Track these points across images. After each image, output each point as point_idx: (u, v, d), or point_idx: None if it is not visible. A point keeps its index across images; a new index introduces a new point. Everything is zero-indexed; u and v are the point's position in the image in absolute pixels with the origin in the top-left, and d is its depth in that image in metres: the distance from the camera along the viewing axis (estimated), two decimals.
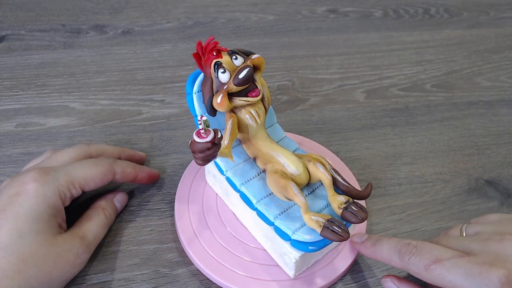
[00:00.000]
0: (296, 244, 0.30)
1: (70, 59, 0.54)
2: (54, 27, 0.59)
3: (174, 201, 0.38)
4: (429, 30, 0.65)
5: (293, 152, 0.34)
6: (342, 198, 0.30)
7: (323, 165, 0.32)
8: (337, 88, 0.54)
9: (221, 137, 0.28)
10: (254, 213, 0.33)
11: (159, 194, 0.40)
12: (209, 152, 0.27)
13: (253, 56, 0.31)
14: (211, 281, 0.34)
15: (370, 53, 0.60)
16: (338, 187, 0.32)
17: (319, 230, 0.29)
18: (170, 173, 0.42)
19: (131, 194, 0.40)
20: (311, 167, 0.32)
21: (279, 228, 0.30)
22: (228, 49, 0.31)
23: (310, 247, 0.30)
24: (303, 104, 0.51)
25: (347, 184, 0.31)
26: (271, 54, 0.58)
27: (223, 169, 0.34)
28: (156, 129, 0.46)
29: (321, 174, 0.31)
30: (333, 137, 0.47)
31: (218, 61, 0.29)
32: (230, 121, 0.31)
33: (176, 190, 0.39)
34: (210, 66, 0.30)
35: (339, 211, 0.30)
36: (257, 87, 0.31)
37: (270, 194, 0.32)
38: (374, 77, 0.56)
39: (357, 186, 0.41)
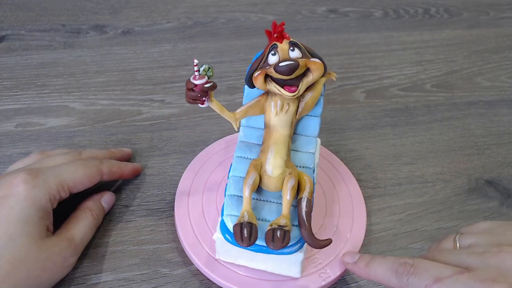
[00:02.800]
0: (222, 225, 0.30)
1: (70, 59, 0.54)
2: (54, 27, 0.59)
3: (174, 201, 0.38)
4: (429, 30, 0.65)
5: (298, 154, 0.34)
6: (282, 221, 0.29)
7: (296, 187, 0.30)
8: (337, 88, 0.54)
9: (210, 87, 0.29)
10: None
11: (159, 194, 0.40)
12: (193, 94, 0.29)
13: (312, 58, 0.30)
14: (211, 281, 0.34)
15: (370, 53, 0.60)
16: (298, 217, 0.30)
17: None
18: (170, 173, 0.42)
19: (131, 194, 0.40)
20: (285, 180, 0.30)
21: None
22: (291, 38, 0.30)
23: (227, 235, 0.30)
24: None
25: (303, 220, 0.29)
26: None
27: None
28: (156, 129, 0.46)
29: (284, 190, 0.30)
30: (333, 137, 0.47)
31: (275, 44, 0.30)
32: (256, 99, 0.33)
33: (176, 190, 0.39)
34: (268, 46, 0.31)
35: (268, 228, 0.29)
36: (297, 87, 0.31)
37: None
38: (374, 77, 0.56)
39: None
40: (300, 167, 0.33)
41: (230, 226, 0.30)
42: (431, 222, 0.40)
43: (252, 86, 0.32)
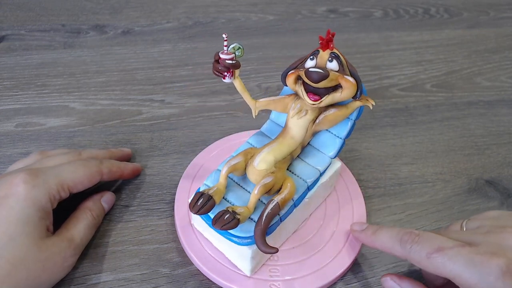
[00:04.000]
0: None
1: (70, 59, 0.54)
2: (54, 27, 0.59)
3: (174, 201, 0.38)
4: (429, 30, 0.65)
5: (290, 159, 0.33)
6: (239, 209, 0.29)
7: (270, 187, 0.30)
8: None
9: (231, 64, 0.29)
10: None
11: (159, 194, 0.40)
12: (216, 66, 0.30)
13: (346, 76, 0.30)
14: (211, 281, 0.34)
15: (370, 53, 0.60)
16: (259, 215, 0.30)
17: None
18: (170, 173, 0.42)
19: (131, 194, 0.40)
20: (264, 176, 0.30)
21: None
22: (334, 49, 0.30)
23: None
24: None
25: (260, 219, 0.29)
26: (271, 54, 0.58)
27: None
28: (156, 129, 0.46)
29: (256, 184, 0.30)
30: None
31: (317, 51, 0.30)
32: (282, 96, 0.33)
33: (176, 190, 0.39)
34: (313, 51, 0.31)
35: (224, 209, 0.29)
36: (320, 97, 0.30)
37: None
38: (374, 77, 0.56)
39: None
40: (297, 176, 0.33)
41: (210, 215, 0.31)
42: (431, 222, 0.40)
43: (285, 82, 0.32)
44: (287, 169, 0.33)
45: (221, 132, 0.46)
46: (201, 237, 0.36)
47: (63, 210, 0.34)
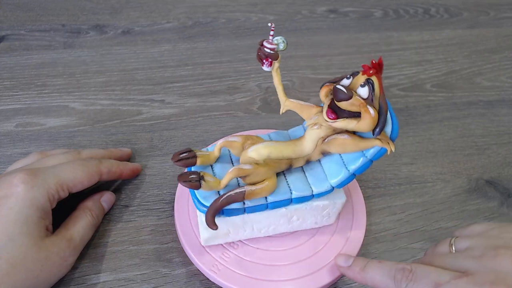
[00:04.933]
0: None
1: (70, 59, 0.54)
2: (54, 27, 0.59)
3: (174, 201, 0.38)
4: (429, 30, 0.65)
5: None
6: (210, 179, 0.30)
7: (243, 172, 0.30)
8: None
9: (269, 53, 0.30)
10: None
11: (159, 194, 0.40)
12: (259, 51, 0.31)
13: (369, 106, 0.28)
14: (211, 281, 0.34)
15: (370, 53, 0.60)
16: None
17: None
18: (170, 173, 0.42)
19: (131, 194, 0.40)
20: (246, 162, 0.31)
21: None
22: (371, 76, 0.28)
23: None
24: None
25: (220, 196, 0.30)
26: None
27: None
28: (156, 129, 0.46)
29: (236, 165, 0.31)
30: None
31: (358, 72, 0.29)
32: (310, 104, 0.32)
33: (176, 190, 0.39)
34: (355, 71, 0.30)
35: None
36: (338, 117, 0.29)
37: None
38: None
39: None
40: (287, 182, 0.32)
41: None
42: (431, 222, 0.40)
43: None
44: (283, 173, 0.33)
45: (221, 132, 0.46)
46: (201, 237, 0.36)
47: (62, 210, 0.34)
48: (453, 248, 0.30)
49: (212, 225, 0.30)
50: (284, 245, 0.36)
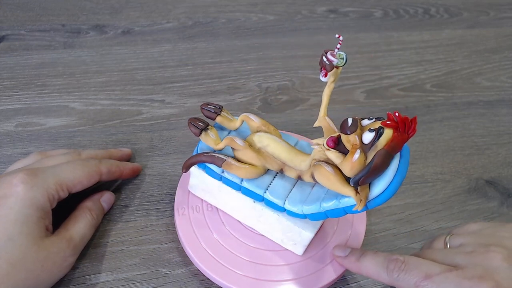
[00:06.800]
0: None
1: (70, 59, 0.54)
2: (54, 27, 0.59)
3: (174, 201, 0.38)
4: (429, 30, 0.65)
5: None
6: (211, 134, 0.33)
7: (232, 143, 0.32)
8: (337, 88, 0.54)
9: (326, 63, 0.30)
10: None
11: (159, 194, 0.40)
12: (323, 62, 0.30)
13: (356, 152, 0.26)
14: (211, 281, 0.34)
15: (370, 53, 0.60)
16: None
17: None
18: (170, 173, 0.42)
19: (131, 194, 0.40)
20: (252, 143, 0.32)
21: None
22: (387, 126, 0.25)
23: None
24: (303, 104, 0.51)
25: (204, 152, 0.33)
26: (271, 54, 0.58)
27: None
28: (156, 129, 0.46)
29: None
30: None
31: (381, 118, 0.26)
32: (334, 128, 0.31)
33: (176, 190, 0.39)
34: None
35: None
36: (334, 147, 0.27)
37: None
38: (374, 77, 0.56)
39: None
40: (271, 182, 0.32)
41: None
42: (431, 222, 0.40)
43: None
44: (276, 174, 0.33)
45: None
46: (201, 237, 0.36)
47: (62, 210, 0.34)
48: (448, 245, 0.31)
49: (185, 168, 0.34)
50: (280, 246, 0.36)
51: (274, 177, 0.33)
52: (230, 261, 0.34)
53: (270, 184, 0.32)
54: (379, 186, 0.26)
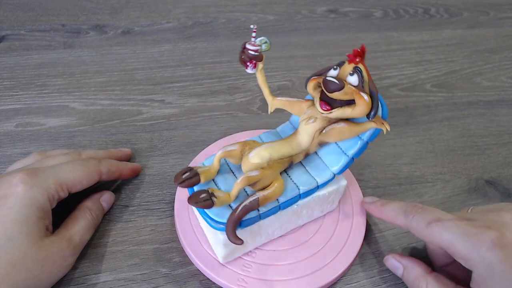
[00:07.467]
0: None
1: (70, 59, 0.55)
2: (54, 27, 0.59)
3: (174, 201, 0.38)
4: (429, 30, 0.65)
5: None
6: (220, 193, 0.29)
7: (253, 180, 0.30)
8: None
9: (253, 55, 0.30)
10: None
11: (159, 194, 0.40)
12: (241, 54, 0.30)
13: (362, 92, 0.28)
14: (211, 281, 0.34)
15: (370, 53, 0.60)
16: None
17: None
18: (170, 173, 0.42)
19: (131, 194, 0.40)
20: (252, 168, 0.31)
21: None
22: (358, 64, 0.29)
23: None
24: None
25: (236, 209, 0.29)
26: (271, 54, 0.58)
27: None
28: (156, 129, 0.46)
29: (243, 174, 0.30)
30: None
31: (342, 62, 0.30)
32: (299, 100, 0.33)
33: (176, 190, 0.39)
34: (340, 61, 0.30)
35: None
36: (332, 107, 0.29)
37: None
38: (374, 77, 0.56)
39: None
40: (292, 180, 0.32)
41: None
42: None
43: (306, 88, 0.32)
44: (286, 172, 0.33)
45: (221, 132, 0.46)
46: (201, 237, 0.36)
47: (62, 210, 0.34)
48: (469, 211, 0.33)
49: (236, 239, 0.29)
50: (282, 244, 0.36)
51: (288, 174, 0.33)
52: (230, 261, 0.34)
53: (294, 181, 0.32)
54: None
